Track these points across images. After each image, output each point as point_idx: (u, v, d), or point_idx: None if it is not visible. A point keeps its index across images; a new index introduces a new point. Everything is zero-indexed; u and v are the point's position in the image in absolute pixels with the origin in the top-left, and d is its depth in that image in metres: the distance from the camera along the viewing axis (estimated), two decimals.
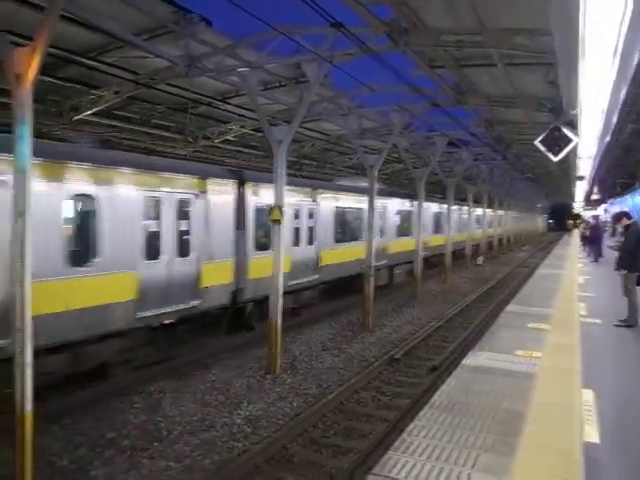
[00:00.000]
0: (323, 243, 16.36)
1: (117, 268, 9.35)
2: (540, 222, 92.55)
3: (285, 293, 11.53)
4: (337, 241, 17.11)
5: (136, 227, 9.83)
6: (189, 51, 10.46)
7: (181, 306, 10.76)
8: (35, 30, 6.19)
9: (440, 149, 20.17)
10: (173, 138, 16.53)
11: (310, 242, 15.84)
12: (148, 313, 9.96)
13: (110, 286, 9.18)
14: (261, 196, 13.15)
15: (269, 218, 10.87)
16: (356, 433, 8.28)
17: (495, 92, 14.20)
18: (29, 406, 5.98)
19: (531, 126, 17.05)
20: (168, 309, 10.47)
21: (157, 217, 10.45)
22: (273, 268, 10.95)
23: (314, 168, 24.03)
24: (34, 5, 8.18)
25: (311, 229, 15.93)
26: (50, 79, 10.89)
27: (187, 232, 11.09)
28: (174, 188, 10.71)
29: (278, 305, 10.92)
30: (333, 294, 17.82)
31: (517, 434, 4.86)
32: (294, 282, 14.46)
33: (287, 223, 12.89)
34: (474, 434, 4.88)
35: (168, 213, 10.60)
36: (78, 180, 8.75)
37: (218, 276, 11.66)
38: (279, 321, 10.92)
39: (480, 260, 33.78)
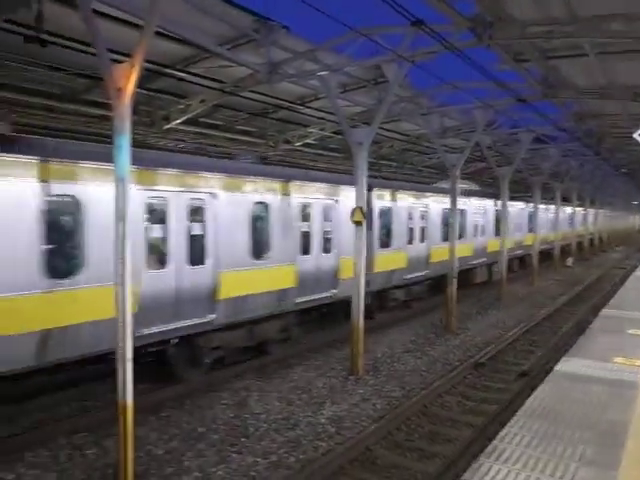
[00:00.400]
0: (433, 241, 17.73)
1: (283, 261, 11.40)
2: (637, 220, 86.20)
3: (400, 287, 15.36)
4: (443, 240, 17.96)
5: (295, 228, 11.79)
6: (270, 58, 10.74)
7: (324, 294, 12.65)
8: (132, 46, 6.64)
9: (525, 146, 19.33)
10: (255, 143, 17.01)
11: (422, 240, 17.18)
12: (303, 299, 11.99)
13: (278, 277, 11.25)
14: (383, 200, 15.25)
15: (351, 219, 10.90)
16: (441, 437, 8.12)
17: (586, 84, 13.42)
18: (130, 398, 6.37)
19: (627, 118, 15.94)
20: (317, 296, 12.47)
21: (308, 220, 12.35)
22: (355, 269, 10.99)
23: (393, 169, 23.82)
24: (129, 23, 8.72)
25: (423, 229, 17.34)
26: (143, 91, 11.57)
27: (329, 232, 12.98)
28: (321, 196, 12.67)
29: (360, 306, 10.93)
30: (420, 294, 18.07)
31: (619, 447, 4.56)
32: (409, 276, 16.31)
33: (403, 224, 16.03)
34: (572, 445, 4.64)
35: (317, 217, 12.56)
36: (258, 192, 11.00)
37: (351, 269, 12.49)
38: (361, 322, 10.93)
39: (570, 261, 31.98)
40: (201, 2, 8.76)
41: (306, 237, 12.18)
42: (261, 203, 11.05)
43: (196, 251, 9.58)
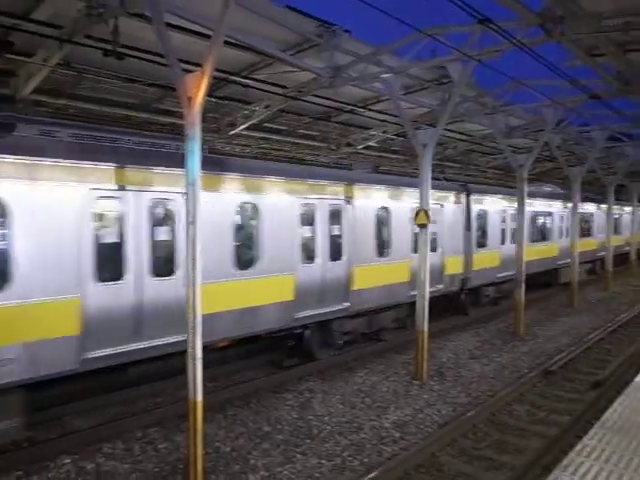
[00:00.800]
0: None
1: (401, 258, 13.02)
2: None
3: (493, 284, 16.61)
4: (532, 241, 19.21)
5: (409, 230, 13.17)
6: (333, 62, 10.79)
7: (432, 288, 13.21)
8: (201, 56, 6.87)
9: (599, 144, 18.39)
10: (318, 146, 17.15)
11: (513, 241, 17.55)
12: (416, 292, 12.79)
13: (395, 272, 12.74)
14: (480, 204, 16.53)
15: (415, 222, 10.79)
16: (510, 447, 7.85)
17: None
18: (199, 396, 6.58)
19: None
20: (435, 288, 13.72)
21: None
22: (419, 272, 10.85)
23: (457, 170, 23.33)
24: (197, 33, 9.02)
25: (514, 230, 17.84)
26: (211, 99, 11.93)
27: (435, 233, 14.08)
28: (432, 200, 13.12)
29: (424, 310, 10.77)
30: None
31: None
32: (501, 275, 17.25)
33: (497, 225, 17.19)
34: None
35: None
36: (382, 198, 12.70)
37: (454, 267, 14.89)
38: (426, 327, 10.77)
39: None
40: (265, 10, 8.94)
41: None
42: (384, 208, 12.75)
43: (335, 248, 11.43)
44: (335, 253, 11.40)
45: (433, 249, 13.63)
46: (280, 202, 10.29)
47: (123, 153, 8.21)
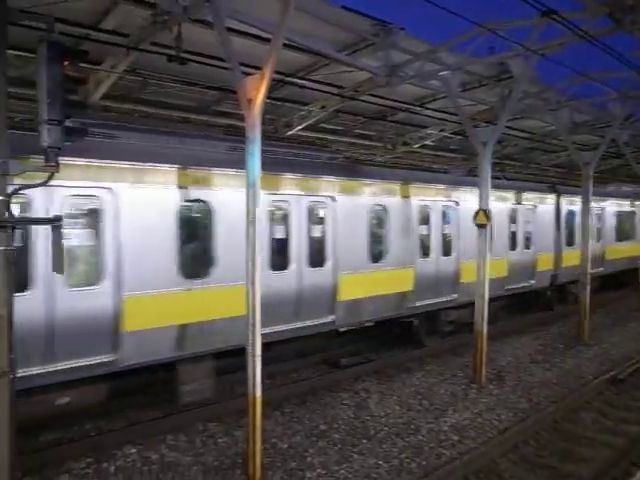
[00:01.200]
0: (607, 241, 19.70)
1: (499, 255, 13.81)
2: None
3: (573, 282, 16.43)
4: (617, 240, 20.49)
5: (508, 229, 14.64)
6: (389, 61, 10.71)
7: (525, 284, 15.29)
8: (260, 59, 7.00)
9: None
10: (373, 146, 17.07)
11: (598, 240, 18.73)
12: (512, 286, 14.69)
13: (494, 267, 12.66)
14: (569, 204, 17.28)
15: (475, 221, 10.57)
16: (575, 457, 7.55)
17: None
18: (259, 392, 6.71)
19: None
20: (520, 285, 15.12)
21: (515, 222, 15.19)
22: (478, 273, 10.60)
23: (517, 169, 22.63)
24: (256, 37, 9.19)
25: (599, 230, 19.12)
26: (268, 100, 12.11)
27: (529, 232, 15.57)
28: (526, 202, 15.42)
29: (484, 312, 10.52)
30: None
31: None
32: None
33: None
34: None
35: (521, 220, 15.26)
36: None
37: (545, 264, 16.02)
38: (485, 329, 10.52)
39: None
40: (321, 11, 8.99)
41: (514, 236, 15.13)
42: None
43: (446, 246, 12.55)
44: (446, 249, 12.77)
45: (527, 247, 15.42)
46: (403, 204, 11.76)
47: (297, 164, 10.30)
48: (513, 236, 14.96)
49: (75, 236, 7.40)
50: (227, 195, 8.68)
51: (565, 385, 10.43)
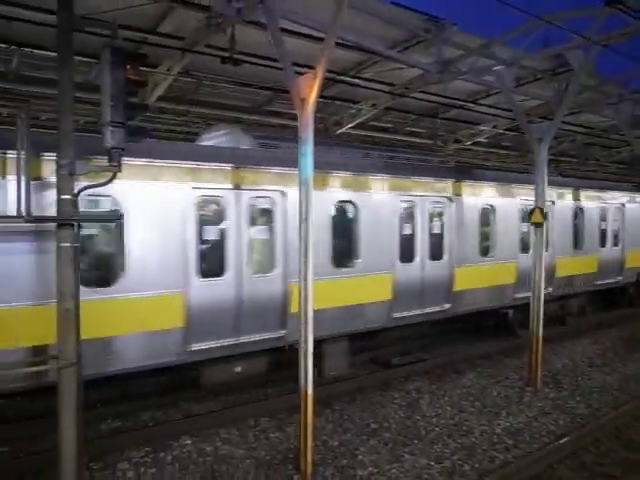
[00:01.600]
0: None
1: (589, 252, 14.85)
2: None
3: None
4: None
5: (597, 227, 15.35)
6: (441, 57, 10.54)
7: (613, 280, 16.01)
8: (311, 58, 7.04)
9: None
10: (424, 144, 16.87)
11: None
12: (601, 282, 15.26)
13: (589, 262, 14.69)
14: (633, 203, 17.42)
15: (530, 220, 10.29)
16: (638, 467, 7.21)
17: None
18: (310, 388, 6.76)
19: None
20: (608, 281, 15.78)
21: (605, 220, 15.80)
22: (534, 274, 10.30)
23: (574, 165, 21.83)
24: (308, 36, 9.24)
25: None
26: (320, 99, 12.16)
27: (617, 230, 16.26)
28: (614, 201, 16.23)
29: (539, 312, 10.21)
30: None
31: None
32: None
33: None
34: None
35: (610, 218, 15.95)
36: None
37: (633, 261, 16.60)
38: (540, 330, 10.21)
39: None
40: (372, 8, 8.95)
41: (604, 234, 15.74)
42: (580, 209, 14.69)
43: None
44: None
45: (615, 244, 16.14)
46: (507, 204, 12.67)
47: (422, 168, 11.42)
48: (603, 234, 15.66)
49: (256, 232, 8.83)
50: (369, 197, 10.10)
51: (627, 391, 10.00)
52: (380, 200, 10.28)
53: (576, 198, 14.76)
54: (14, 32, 8.35)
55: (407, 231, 10.83)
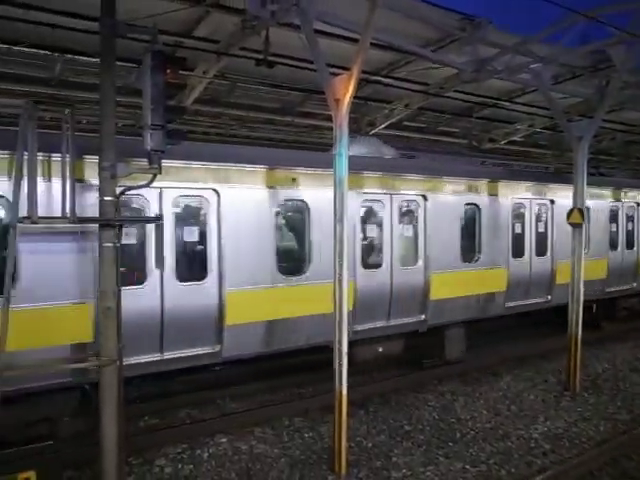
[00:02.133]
0: None
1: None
2: None
3: None
4: None
5: None
6: (476, 55, 10.40)
7: None
8: (345, 59, 7.04)
9: None
10: (458, 144, 16.65)
11: None
12: None
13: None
14: None
15: (568, 221, 10.08)
16: None
17: None
18: (345, 389, 6.77)
19: None
20: None
21: None
22: (572, 275, 10.08)
23: (613, 164, 21.21)
24: (341, 37, 9.24)
25: None
26: (353, 100, 12.16)
27: None
28: None
29: (578, 314, 9.97)
30: None
31: None
32: None
33: None
34: None
35: None
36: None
37: None
38: (579, 333, 9.97)
39: None
40: (406, 7, 8.89)
41: None
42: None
43: (629, 239, 14.80)
44: (630, 243, 14.76)
45: None
46: (598, 205, 13.66)
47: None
48: None
49: (404, 230, 10.11)
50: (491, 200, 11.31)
51: None
52: (496, 203, 11.51)
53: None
54: (57, 39, 8.63)
55: (518, 230, 12.01)
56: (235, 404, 8.96)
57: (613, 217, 14.42)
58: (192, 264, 7.86)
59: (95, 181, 5.80)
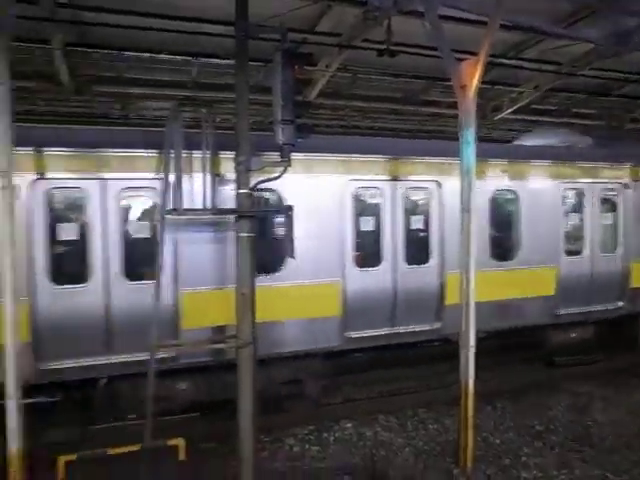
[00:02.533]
0: None
1: None
2: None
3: None
4: None
5: None
6: (617, 27, 9.50)
7: None
8: (469, 43, 6.78)
9: None
10: (592, 126, 15.35)
11: None
12: None
13: None
14: None
15: None
16: None
17: None
18: (471, 383, 6.61)
19: None
20: None
21: None
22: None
23: None
24: (466, 20, 8.91)
25: None
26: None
27: None
28: None
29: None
30: None
31: None
32: None
33: None
34: None
35: None
36: None
37: None
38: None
39: None
40: None
41: None
42: None
43: None
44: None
45: None
46: None
47: None
48: None
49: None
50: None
51: None
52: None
53: None
54: (190, 44, 9.32)
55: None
56: (359, 392, 9.09)
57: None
58: (419, 250, 8.72)
59: (231, 175, 6.26)
